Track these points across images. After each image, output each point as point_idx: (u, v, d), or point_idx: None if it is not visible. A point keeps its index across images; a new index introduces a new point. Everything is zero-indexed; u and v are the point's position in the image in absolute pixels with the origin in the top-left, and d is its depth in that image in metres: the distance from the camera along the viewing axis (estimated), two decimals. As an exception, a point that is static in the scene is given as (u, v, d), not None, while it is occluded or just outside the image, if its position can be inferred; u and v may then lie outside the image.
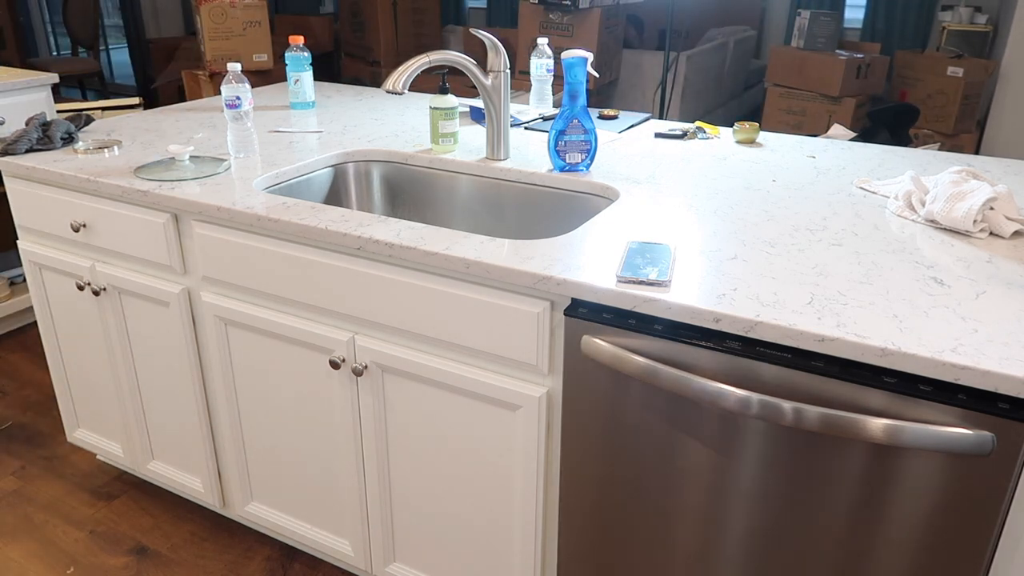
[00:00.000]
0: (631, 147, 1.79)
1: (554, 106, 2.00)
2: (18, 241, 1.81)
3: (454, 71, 1.65)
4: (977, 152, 4.15)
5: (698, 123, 1.93)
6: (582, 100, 1.53)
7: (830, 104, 4.37)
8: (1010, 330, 0.97)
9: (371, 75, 5.09)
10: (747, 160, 1.70)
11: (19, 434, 2.29)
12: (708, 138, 1.88)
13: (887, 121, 3.70)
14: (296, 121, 1.99)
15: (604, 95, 4.49)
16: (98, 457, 2.16)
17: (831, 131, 2.95)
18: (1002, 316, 1.01)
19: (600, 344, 1.12)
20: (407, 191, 1.77)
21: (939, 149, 3.94)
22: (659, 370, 1.06)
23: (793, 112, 4.50)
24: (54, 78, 2.80)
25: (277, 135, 1.86)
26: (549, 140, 1.58)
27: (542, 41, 1.96)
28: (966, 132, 4.25)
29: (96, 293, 1.69)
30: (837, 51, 4.46)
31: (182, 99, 4.70)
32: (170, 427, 1.79)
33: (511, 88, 1.85)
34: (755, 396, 1.00)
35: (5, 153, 1.70)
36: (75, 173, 1.59)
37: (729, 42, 5.15)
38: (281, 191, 1.60)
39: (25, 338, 2.84)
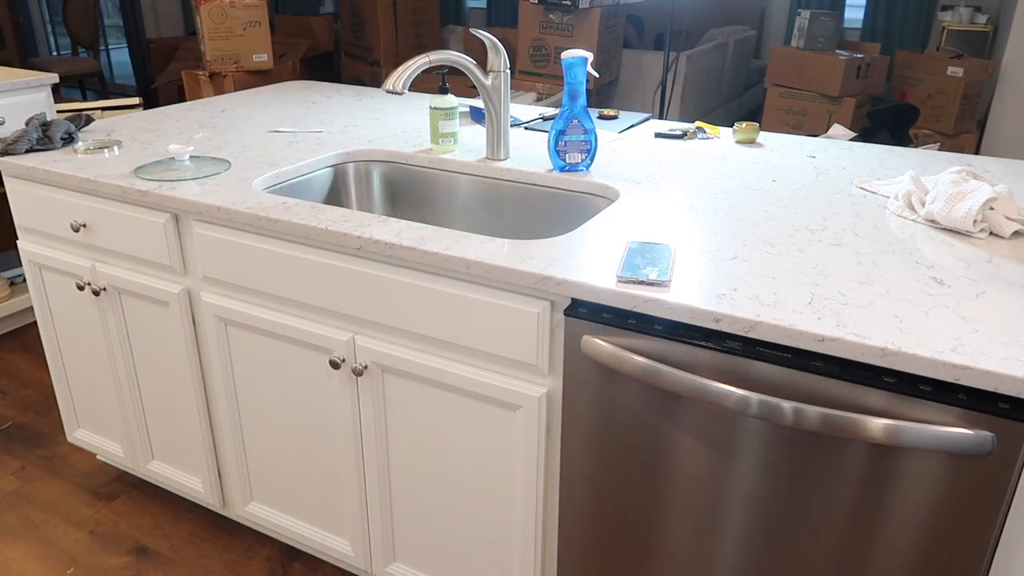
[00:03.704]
0: (631, 147, 1.79)
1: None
2: (18, 241, 1.82)
3: (454, 71, 1.65)
4: (977, 152, 4.15)
5: (698, 123, 1.93)
6: (582, 100, 1.53)
7: (830, 104, 4.37)
8: (1010, 330, 0.97)
9: (371, 75, 5.09)
10: (747, 160, 1.70)
11: (19, 434, 2.29)
12: (708, 138, 1.88)
13: (887, 121, 3.70)
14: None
15: (604, 95, 4.49)
16: (98, 457, 2.16)
17: (831, 131, 2.95)
18: (1002, 316, 1.01)
19: (600, 344, 1.12)
20: (407, 191, 1.77)
21: (939, 149, 3.94)
22: (659, 370, 1.06)
23: (793, 112, 4.50)
24: (54, 78, 2.80)
25: (277, 135, 1.86)
26: (549, 140, 1.58)
27: None
28: (966, 132, 4.25)
29: (96, 293, 1.69)
30: (837, 51, 4.46)
31: (182, 99, 4.70)
32: (170, 427, 1.79)
33: (511, 88, 1.85)
34: (755, 396, 1.00)
35: (5, 153, 1.70)
36: (75, 173, 1.59)
37: (729, 42, 5.15)
38: (281, 191, 1.60)
39: (25, 338, 2.83)
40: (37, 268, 1.81)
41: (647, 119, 2.05)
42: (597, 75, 1.74)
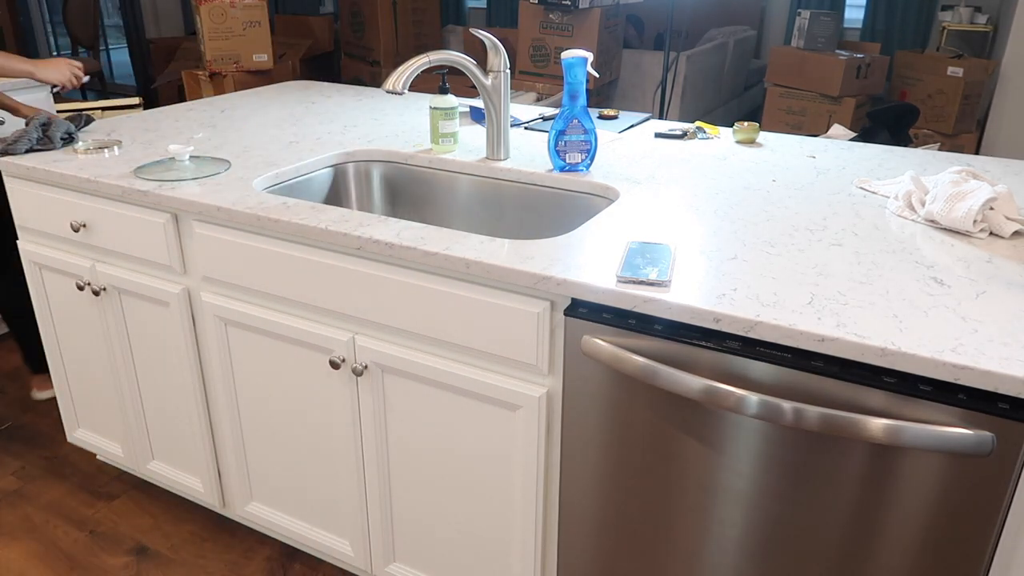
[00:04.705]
0: (631, 147, 1.79)
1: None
2: (18, 241, 1.82)
3: (454, 71, 1.65)
4: (977, 152, 4.15)
5: (698, 123, 1.93)
6: (582, 100, 1.53)
7: (830, 104, 4.37)
8: (1010, 330, 0.97)
9: (371, 75, 5.09)
10: (747, 160, 1.70)
11: (19, 434, 2.29)
12: (708, 138, 1.88)
13: (887, 121, 3.70)
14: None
15: (604, 95, 4.49)
16: (98, 457, 2.16)
17: (831, 131, 2.95)
18: (1002, 316, 1.01)
19: (600, 344, 1.12)
20: (407, 191, 1.77)
21: (939, 149, 3.94)
22: (659, 370, 1.06)
23: (793, 112, 4.50)
24: (54, 78, 2.79)
25: (277, 135, 1.86)
26: (549, 140, 1.58)
27: None
28: (966, 132, 4.25)
29: (96, 293, 1.69)
30: (837, 51, 4.46)
31: (182, 99, 4.70)
32: (170, 427, 1.79)
33: (511, 88, 1.85)
34: (755, 396, 1.00)
35: (5, 153, 1.70)
36: (75, 173, 1.59)
37: (729, 42, 5.15)
38: (281, 191, 1.60)
39: (25, 338, 2.83)
40: (37, 268, 1.81)
41: (647, 119, 2.05)
42: (597, 75, 1.74)
